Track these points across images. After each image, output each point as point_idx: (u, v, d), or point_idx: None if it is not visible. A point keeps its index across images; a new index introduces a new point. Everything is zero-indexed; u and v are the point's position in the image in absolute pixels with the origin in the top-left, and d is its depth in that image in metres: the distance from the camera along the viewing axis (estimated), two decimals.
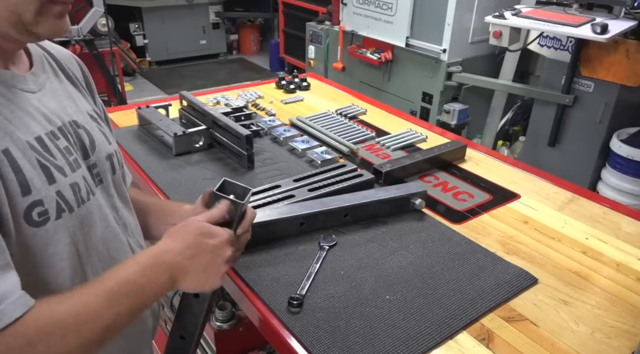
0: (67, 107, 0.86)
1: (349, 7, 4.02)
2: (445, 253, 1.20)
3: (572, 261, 1.20)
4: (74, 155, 0.83)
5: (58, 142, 0.79)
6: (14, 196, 0.70)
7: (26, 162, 0.73)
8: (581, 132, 2.99)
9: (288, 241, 1.22)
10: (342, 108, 2.04)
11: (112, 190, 0.93)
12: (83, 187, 0.82)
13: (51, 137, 0.79)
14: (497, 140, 3.74)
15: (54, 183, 0.76)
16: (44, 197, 0.74)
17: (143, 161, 1.58)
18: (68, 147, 0.82)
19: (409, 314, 1.01)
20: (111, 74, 4.38)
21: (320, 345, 0.93)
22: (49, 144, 0.78)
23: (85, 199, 0.82)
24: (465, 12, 3.35)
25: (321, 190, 1.38)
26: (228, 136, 1.60)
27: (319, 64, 4.65)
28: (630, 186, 2.78)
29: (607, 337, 0.98)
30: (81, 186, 0.82)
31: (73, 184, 0.80)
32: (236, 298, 1.16)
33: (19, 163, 0.72)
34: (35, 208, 0.73)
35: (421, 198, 1.33)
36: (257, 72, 6.56)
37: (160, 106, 1.84)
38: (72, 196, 0.79)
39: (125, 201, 0.98)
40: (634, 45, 2.63)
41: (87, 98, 0.96)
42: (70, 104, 0.88)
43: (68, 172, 0.79)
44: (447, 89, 3.52)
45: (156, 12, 6.15)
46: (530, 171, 1.62)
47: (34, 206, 0.73)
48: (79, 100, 0.92)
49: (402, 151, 1.72)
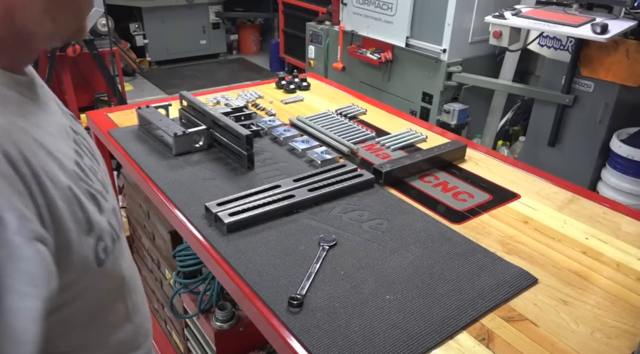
0: (60, 110, 0.75)
1: (349, 7, 4.02)
2: (445, 253, 1.20)
3: (572, 261, 1.20)
4: (98, 172, 0.73)
5: (84, 161, 0.69)
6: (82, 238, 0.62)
7: (82, 196, 0.63)
8: (581, 132, 2.99)
9: (288, 240, 1.22)
10: (342, 108, 2.04)
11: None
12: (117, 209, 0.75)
13: (79, 156, 0.68)
14: (497, 140, 3.74)
15: (103, 212, 0.67)
16: (102, 230, 0.66)
17: (143, 161, 1.58)
18: (92, 165, 0.72)
19: (409, 314, 1.01)
20: (111, 74, 4.37)
21: (320, 345, 0.93)
22: (82, 166, 0.67)
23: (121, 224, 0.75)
24: (465, 12, 3.35)
25: (321, 190, 1.39)
26: (228, 136, 1.60)
27: (319, 64, 4.65)
28: (630, 186, 2.78)
29: (607, 337, 0.98)
30: (116, 208, 0.74)
31: (113, 208, 0.72)
32: (236, 298, 1.16)
33: (81, 199, 0.63)
34: (100, 244, 0.65)
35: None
36: (257, 72, 6.56)
37: (160, 106, 1.84)
38: (116, 222, 0.72)
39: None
40: (634, 45, 2.63)
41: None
42: (56, 104, 0.75)
43: (105, 196, 0.70)
44: (447, 89, 3.52)
45: (156, 12, 6.15)
46: (530, 171, 1.62)
47: (98, 242, 0.65)
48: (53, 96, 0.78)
49: (402, 151, 1.72)
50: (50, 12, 0.60)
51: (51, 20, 0.61)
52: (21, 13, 0.58)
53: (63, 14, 0.62)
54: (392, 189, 1.48)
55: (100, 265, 0.65)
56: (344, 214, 1.34)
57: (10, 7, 0.57)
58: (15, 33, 0.59)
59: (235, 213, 1.27)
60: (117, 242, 0.71)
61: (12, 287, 0.49)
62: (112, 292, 0.73)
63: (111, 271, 0.70)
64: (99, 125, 1.84)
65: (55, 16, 0.61)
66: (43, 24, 0.60)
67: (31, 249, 0.52)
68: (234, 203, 1.31)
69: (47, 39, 0.64)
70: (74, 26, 0.65)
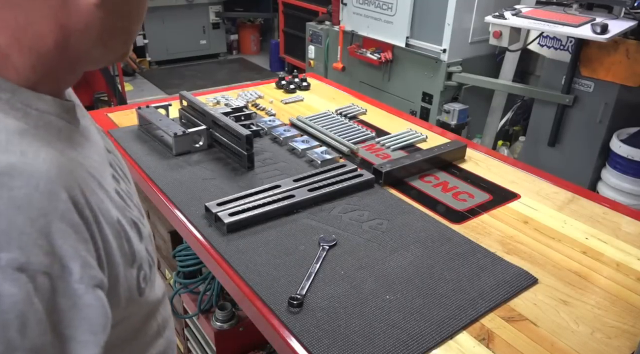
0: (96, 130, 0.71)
1: (349, 7, 4.01)
2: (445, 253, 1.20)
3: (572, 261, 1.20)
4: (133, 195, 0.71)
5: (121, 187, 0.66)
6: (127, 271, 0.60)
7: (128, 227, 0.61)
8: (581, 132, 2.99)
9: (288, 240, 1.22)
10: (342, 108, 2.04)
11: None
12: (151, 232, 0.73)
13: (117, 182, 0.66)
14: (497, 140, 3.74)
15: (143, 240, 0.65)
16: (142, 259, 0.64)
17: (143, 161, 1.58)
18: (127, 189, 0.69)
19: (409, 314, 1.01)
20: (111, 74, 4.38)
21: (320, 345, 0.93)
22: (121, 194, 0.65)
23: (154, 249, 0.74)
24: (465, 12, 3.35)
25: (321, 190, 1.39)
26: (228, 136, 1.60)
27: (319, 64, 4.65)
28: (630, 186, 2.78)
29: (607, 337, 0.98)
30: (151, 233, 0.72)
31: (150, 233, 0.70)
32: (236, 298, 1.16)
33: (127, 231, 0.61)
34: (141, 273, 0.64)
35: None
36: (257, 72, 6.56)
37: (160, 106, 1.84)
38: (152, 248, 0.70)
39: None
40: (634, 45, 2.63)
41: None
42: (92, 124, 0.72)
43: (143, 221, 0.68)
44: (447, 89, 3.52)
45: (156, 12, 6.14)
46: (530, 171, 1.62)
47: (140, 272, 0.63)
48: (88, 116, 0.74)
49: (402, 151, 1.72)
50: (104, 38, 0.59)
51: (103, 45, 0.60)
52: (77, 39, 0.56)
53: (115, 39, 0.61)
54: (392, 189, 1.48)
55: (141, 295, 0.65)
56: (344, 214, 1.34)
57: (67, 34, 0.55)
58: (67, 58, 0.58)
59: (235, 213, 1.27)
60: (153, 268, 0.70)
61: (74, 337, 0.49)
62: (148, 314, 0.73)
63: (149, 296, 0.69)
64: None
65: (107, 41, 0.60)
66: (95, 49, 0.59)
67: (92, 297, 0.51)
68: (234, 203, 1.31)
69: (94, 62, 0.63)
70: (121, 51, 0.64)
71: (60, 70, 0.58)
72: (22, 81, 0.55)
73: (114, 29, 0.59)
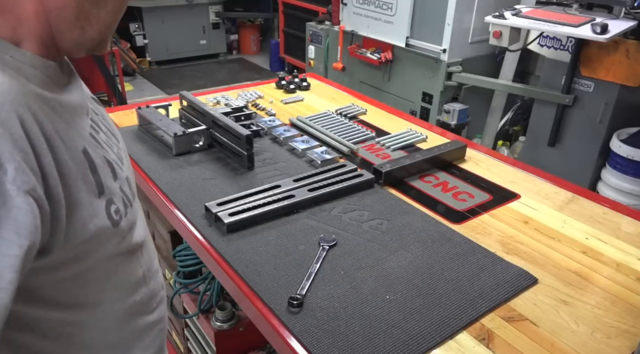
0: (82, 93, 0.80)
1: (349, 7, 4.02)
2: (445, 253, 1.20)
3: (572, 261, 1.20)
4: (114, 146, 0.80)
5: (100, 136, 0.76)
6: (93, 199, 0.67)
7: (99, 160, 0.70)
8: (581, 132, 2.99)
9: (288, 240, 1.22)
10: (342, 108, 2.04)
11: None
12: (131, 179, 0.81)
13: (94, 130, 0.75)
14: (497, 140, 3.74)
15: (117, 179, 0.74)
16: (114, 194, 0.72)
17: (143, 161, 1.58)
18: (107, 140, 0.78)
19: (409, 314, 1.01)
20: (111, 74, 4.37)
21: (320, 345, 0.93)
22: (97, 138, 0.74)
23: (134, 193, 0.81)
24: (465, 12, 3.35)
25: (321, 190, 1.39)
26: (228, 136, 1.60)
27: (319, 64, 4.65)
28: (630, 186, 2.78)
29: (607, 337, 0.98)
30: (130, 179, 0.80)
31: (127, 177, 0.78)
32: (236, 298, 1.16)
33: (95, 162, 0.69)
34: (111, 206, 0.71)
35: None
36: (257, 72, 6.56)
37: (160, 106, 1.84)
38: (128, 190, 0.78)
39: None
40: (634, 45, 2.63)
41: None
42: (81, 89, 0.81)
43: (121, 166, 0.77)
44: (447, 89, 3.52)
45: (156, 12, 6.14)
46: (530, 171, 1.62)
47: (110, 205, 0.71)
48: (83, 86, 0.84)
49: (402, 151, 1.72)
50: (81, 21, 0.67)
51: (81, 29, 0.67)
52: (55, 16, 0.65)
53: (91, 26, 0.68)
54: (392, 189, 1.48)
55: (115, 226, 0.71)
56: (344, 214, 1.34)
57: (47, 9, 0.64)
58: (50, 32, 0.66)
59: (235, 213, 1.27)
60: (130, 209, 0.76)
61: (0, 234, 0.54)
62: (128, 255, 0.79)
63: (126, 233, 0.76)
64: None
65: (84, 26, 0.67)
66: (72, 31, 0.67)
67: (22, 200, 0.56)
68: (234, 203, 1.31)
69: (74, 45, 0.69)
70: (97, 39, 0.71)
71: (46, 39, 0.66)
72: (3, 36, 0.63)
73: (89, 14, 0.67)
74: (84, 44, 0.70)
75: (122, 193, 0.75)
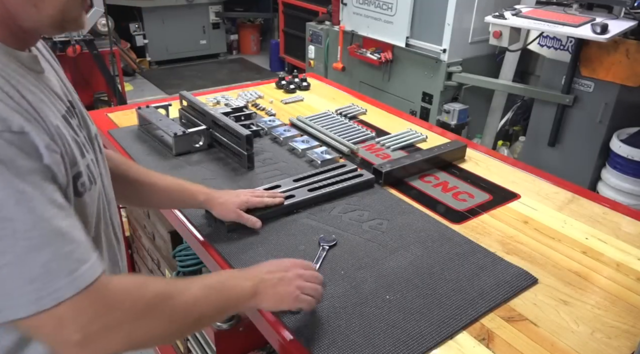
0: (63, 87, 0.88)
1: (349, 7, 4.01)
2: (445, 253, 1.20)
3: (572, 261, 1.20)
4: (84, 133, 0.86)
5: (72, 121, 0.82)
6: (68, 168, 0.74)
7: (68, 137, 0.76)
8: (581, 132, 2.99)
9: (288, 240, 1.22)
10: (342, 108, 2.04)
11: (103, 168, 0.97)
12: (96, 163, 0.88)
13: (69, 116, 0.81)
14: (497, 140, 3.74)
15: (84, 157, 0.80)
16: (82, 169, 0.78)
17: (143, 161, 1.58)
18: (79, 125, 0.85)
19: (409, 314, 1.01)
20: (111, 74, 4.37)
21: (320, 345, 0.93)
22: (70, 122, 0.81)
23: (98, 174, 0.88)
24: (465, 12, 3.35)
25: (321, 190, 1.39)
26: (228, 136, 1.60)
27: (319, 64, 4.65)
28: (630, 186, 2.78)
29: (607, 337, 0.98)
30: (95, 162, 0.87)
31: (93, 159, 0.85)
32: None
33: (68, 139, 0.75)
34: (79, 179, 0.78)
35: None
36: (257, 72, 6.55)
37: (160, 106, 1.84)
38: (94, 169, 0.85)
39: (109, 179, 1.02)
40: (634, 45, 2.63)
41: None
42: (62, 83, 0.89)
43: (88, 149, 0.84)
44: (447, 89, 3.52)
45: (156, 12, 6.14)
46: (530, 171, 1.62)
47: (78, 177, 0.77)
48: (64, 79, 0.93)
49: (402, 151, 1.72)
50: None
51: (34, 6, 0.71)
52: None
53: (43, 2, 0.71)
54: (392, 189, 1.48)
55: (78, 196, 0.78)
56: (343, 214, 1.34)
57: None
58: (8, 15, 0.71)
59: None
60: (94, 186, 0.84)
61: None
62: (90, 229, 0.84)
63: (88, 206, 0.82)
64: (99, 125, 1.84)
65: (36, 3, 0.71)
66: (27, 9, 0.71)
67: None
68: None
69: (35, 24, 0.73)
70: (58, 16, 0.73)
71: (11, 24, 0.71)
72: None
73: None
74: (43, 21, 0.73)
75: (88, 170, 0.81)
